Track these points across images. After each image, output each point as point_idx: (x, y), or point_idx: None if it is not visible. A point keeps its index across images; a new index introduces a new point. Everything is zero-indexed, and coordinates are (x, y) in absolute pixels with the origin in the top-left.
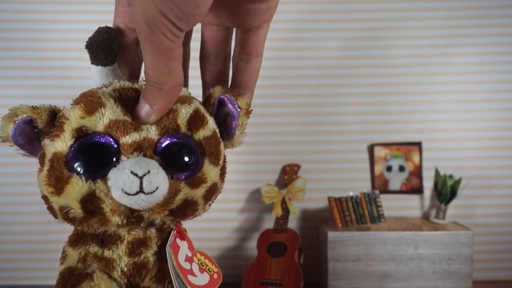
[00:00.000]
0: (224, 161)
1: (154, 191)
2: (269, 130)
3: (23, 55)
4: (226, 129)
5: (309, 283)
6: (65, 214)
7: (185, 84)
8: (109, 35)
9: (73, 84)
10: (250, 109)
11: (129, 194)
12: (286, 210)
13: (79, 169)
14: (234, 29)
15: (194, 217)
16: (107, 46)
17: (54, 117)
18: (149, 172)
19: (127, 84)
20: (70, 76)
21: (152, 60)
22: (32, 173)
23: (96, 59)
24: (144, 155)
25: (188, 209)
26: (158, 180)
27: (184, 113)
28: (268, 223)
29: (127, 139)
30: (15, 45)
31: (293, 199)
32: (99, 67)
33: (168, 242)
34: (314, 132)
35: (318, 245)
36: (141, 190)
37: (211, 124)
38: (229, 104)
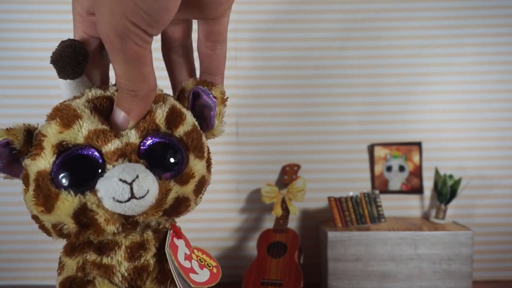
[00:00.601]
0: (209, 153)
1: (145, 195)
2: (269, 130)
3: (22, 55)
4: (205, 121)
5: (309, 283)
6: (59, 231)
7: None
8: (73, 49)
9: None
10: (225, 97)
11: (121, 202)
12: (286, 210)
13: (66, 184)
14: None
15: (187, 213)
16: (73, 60)
17: (30, 135)
18: (137, 177)
19: (99, 92)
20: None
21: (125, 69)
22: None
23: (63, 73)
24: (129, 161)
25: (181, 206)
26: (148, 183)
27: (160, 112)
28: (268, 223)
29: (109, 147)
30: (14, 45)
31: (293, 199)
32: (68, 80)
33: (167, 243)
34: (314, 132)
35: (318, 245)
36: (132, 196)
37: (189, 119)
38: (204, 96)
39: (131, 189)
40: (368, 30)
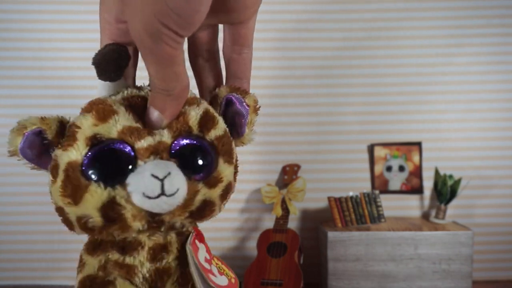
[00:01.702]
0: (236, 160)
1: (175, 193)
2: (269, 130)
3: (21, 55)
4: (235, 128)
5: (309, 283)
6: (83, 224)
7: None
8: (119, 54)
9: (73, 84)
10: (258, 106)
11: (150, 198)
12: (286, 210)
13: (96, 176)
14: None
15: (211, 218)
16: (117, 65)
17: (62, 127)
18: (169, 174)
19: (135, 91)
20: (68, 76)
21: (158, 69)
22: (31, 173)
23: (104, 76)
24: (161, 158)
25: (206, 210)
26: (179, 182)
27: (194, 114)
28: (268, 223)
29: (142, 144)
30: (13, 45)
31: (293, 199)
32: (107, 82)
33: (188, 241)
34: (314, 132)
35: (318, 245)
36: (162, 193)
37: (221, 124)
38: (237, 103)
39: (162, 185)
40: (368, 30)
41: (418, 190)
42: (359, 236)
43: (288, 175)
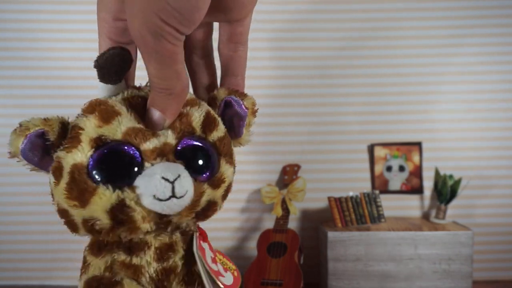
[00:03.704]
0: (235, 161)
1: (184, 195)
2: (269, 130)
3: (21, 55)
4: (234, 129)
5: (309, 283)
6: (90, 227)
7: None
8: (122, 58)
9: (73, 84)
10: (256, 108)
11: (161, 200)
12: (286, 210)
13: (104, 179)
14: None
15: (211, 217)
16: (120, 69)
17: (64, 128)
18: (179, 176)
19: (135, 92)
20: (68, 76)
21: (159, 68)
22: (32, 173)
23: (106, 79)
24: (167, 160)
25: (210, 210)
26: (188, 184)
27: (197, 116)
28: (268, 223)
29: (148, 145)
30: (13, 45)
31: (293, 199)
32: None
33: (195, 246)
34: (314, 132)
35: (318, 245)
36: (173, 195)
37: (221, 125)
38: (235, 105)
39: (173, 188)
40: (367, 30)
41: (418, 190)
42: (359, 236)
43: (288, 175)
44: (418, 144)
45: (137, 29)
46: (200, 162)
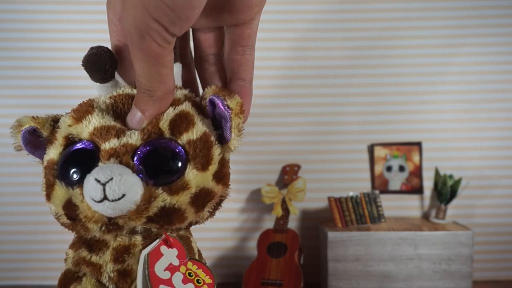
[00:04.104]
0: (224, 165)
1: (120, 198)
2: (269, 130)
3: (21, 55)
4: (223, 132)
5: (309, 283)
6: (58, 220)
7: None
8: (99, 57)
9: (73, 85)
10: (242, 109)
11: (95, 201)
12: (286, 210)
13: (61, 176)
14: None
15: (188, 225)
16: (99, 68)
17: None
18: (112, 179)
19: (127, 90)
20: (68, 76)
21: (143, 67)
22: (31, 173)
23: (93, 78)
24: (120, 161)
25: (172, 216)
26: (124, 187)
27: (165, 116)
28: (268, 223)
29: (106, 146)
30: (13, 45)
31: (293, 199)
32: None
33: (147, 249)
34: (314, 132)
35: (318, 245)
36: (105, 197)
37: (199, 127)
38: (219, 105)
39: (104, 190)
40: (367, 30)
41: (418, 190)
42: (359, 236)
43: (288, 175)
44: (418, 144)
45: (126, 24)
46: (158, 166)
